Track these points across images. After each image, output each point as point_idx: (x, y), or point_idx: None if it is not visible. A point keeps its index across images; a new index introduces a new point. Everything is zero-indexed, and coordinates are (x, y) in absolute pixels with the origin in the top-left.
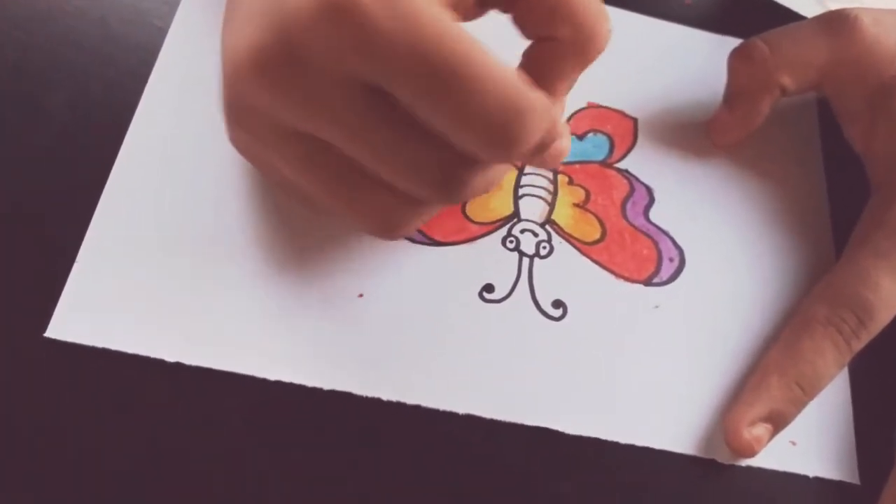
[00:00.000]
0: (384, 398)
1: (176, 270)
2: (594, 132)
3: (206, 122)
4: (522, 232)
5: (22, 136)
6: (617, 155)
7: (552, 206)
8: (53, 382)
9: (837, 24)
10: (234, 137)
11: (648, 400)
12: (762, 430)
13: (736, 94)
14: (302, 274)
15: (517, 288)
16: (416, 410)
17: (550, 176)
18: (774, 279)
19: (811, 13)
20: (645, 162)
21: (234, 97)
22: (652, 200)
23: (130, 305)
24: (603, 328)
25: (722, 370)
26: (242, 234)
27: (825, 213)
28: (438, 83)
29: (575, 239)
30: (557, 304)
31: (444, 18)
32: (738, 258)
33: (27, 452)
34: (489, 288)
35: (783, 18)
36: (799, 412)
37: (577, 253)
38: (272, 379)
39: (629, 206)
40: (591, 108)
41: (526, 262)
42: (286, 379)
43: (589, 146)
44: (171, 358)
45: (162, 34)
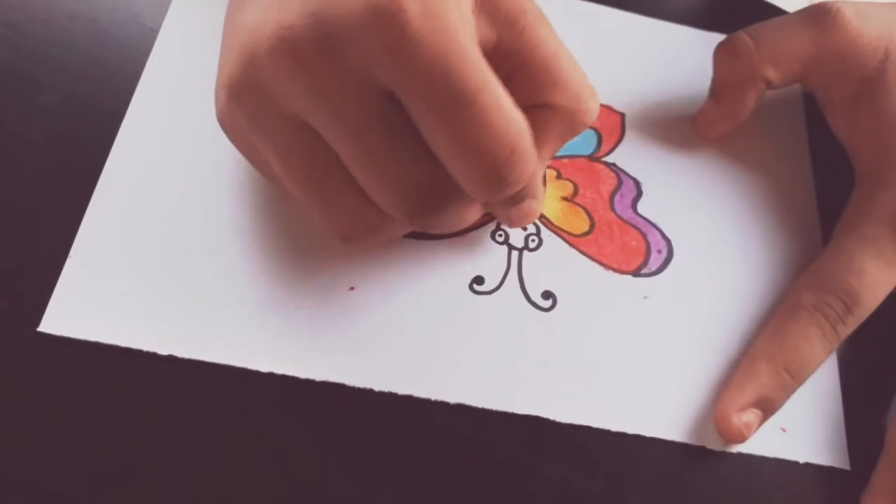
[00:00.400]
0: (376, 389)
1: (167, 265)
2: None
3: (196, 121)
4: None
5: (15, 134)
6: (605, 149)
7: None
8: (47, 377)
9: (820, 17)
10: (225, 113)
11: (638, 388)
12: (752, 415)
13: (722, 87)
14: (294, 267)
15: (507, 280)
16: (407, 400)
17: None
18: (762, 268)
19: (800, 7)
20: (632, 155)
21: (244, 71)
22: (640, 193)
23: (123, 300)
24: (592, 318)
25: (710, 358)
26: (234, 228)
27: (812, 202)
28: (454, 103)
29: (564, 231)
30: (547, 295)
31: (474, 46)
32: (725, 248)
33: (21, 447)
34: (479, 280)
35: (769, 15)
36: (788, 398)
37: (565, 245)
38: (264, 371)
39: (617, 198)
40: None
41: (515, 254)
42: (278, 371)
43: (577, 141)
44: (163, 351)
45: (153, 35)
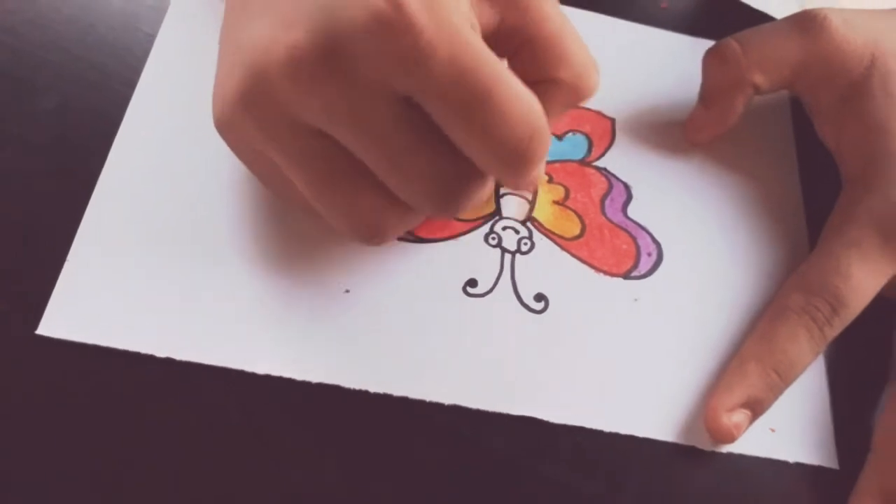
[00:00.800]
0: (371, 391)
1: (165, 268)
2: (573, 132)
3: (193, 125)
4: (504, 229)
5: (13, 137)
6: (595, 154)
7: (533, 204)
8: (45, 379)
9: (807, 23)
10: (231, 123)
11: (629, 389)
12: (741, 416)
13: (711, 92)
14: (290, 271)
15: (500, 282)
16: (403, 402)
17: None
18: (750, 271)
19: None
20: (623, 160)
21: (256, 86)
22: (630, 197)
23: (121, 302)
24: (584, 320)
25: (700, 359)
26: (230, 232)
27: (800, 206)
28: (473, 100)
29: (555, 235)
30: (539, 297)
31: (479, 40)
32: (714, 251)
33: (19, 450)
34: (472, 283)
35: (757, 21)
36: (776, 398)
37: (557, 248)
38: (261, 373)
39: (608, 202)
40: None
41: (508, 257)
42: (275, 373)
43: (568, 146)
44: (161, 353)
45: (150, 40)
